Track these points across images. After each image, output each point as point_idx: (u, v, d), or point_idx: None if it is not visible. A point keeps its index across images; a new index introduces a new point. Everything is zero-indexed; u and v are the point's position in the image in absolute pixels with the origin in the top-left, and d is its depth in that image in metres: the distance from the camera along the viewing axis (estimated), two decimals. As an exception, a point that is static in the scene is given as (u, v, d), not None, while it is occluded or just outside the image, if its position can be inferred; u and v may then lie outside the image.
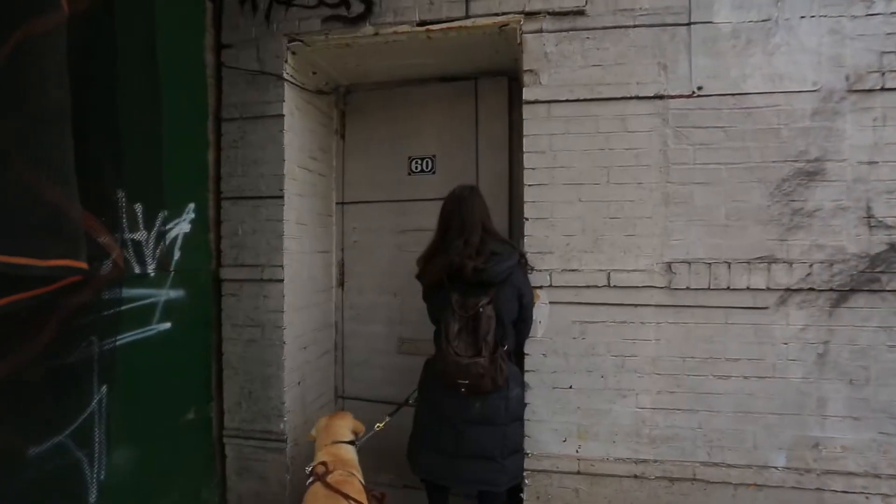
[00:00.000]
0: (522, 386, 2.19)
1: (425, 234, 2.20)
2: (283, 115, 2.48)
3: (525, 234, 2.30)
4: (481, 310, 1.95)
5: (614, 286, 2.22)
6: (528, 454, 2.29)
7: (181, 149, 2.35)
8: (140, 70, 1.96)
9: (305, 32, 2.46)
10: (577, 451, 2.27)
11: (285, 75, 2.48)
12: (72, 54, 1.55)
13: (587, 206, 2.25)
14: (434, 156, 2.91)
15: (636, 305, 2.21)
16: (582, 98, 2.24)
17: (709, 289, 2.16)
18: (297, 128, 2.61)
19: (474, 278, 1.96)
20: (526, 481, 2.29)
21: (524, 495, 2.29)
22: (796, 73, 2.14)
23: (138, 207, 2.08)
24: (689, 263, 2.17)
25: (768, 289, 2.13)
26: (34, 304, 1.41)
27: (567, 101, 2.25)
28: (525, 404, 2.25)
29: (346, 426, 2.10)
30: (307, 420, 2.72)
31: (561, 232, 2.27)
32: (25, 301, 1.38)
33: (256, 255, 2.52)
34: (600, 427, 2.25)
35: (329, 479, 1.83)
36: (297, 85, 2.59)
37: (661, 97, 2.19)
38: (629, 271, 2.21)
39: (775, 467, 2.14)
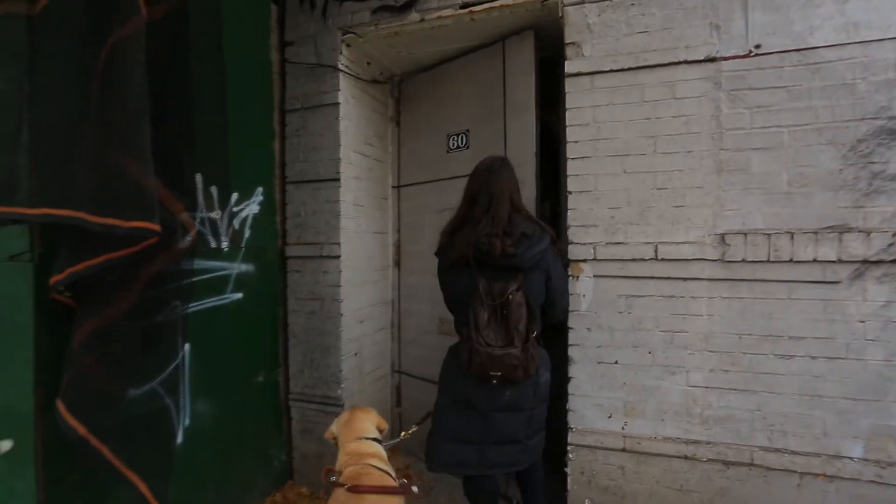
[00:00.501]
0: (550, 369, 2.02)
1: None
2: (338, 104, 2.67)
3: (568, 207, 2.29)
4: (510, 297, 1.82)
5: (662, 259, 2.14)
6: (571, 429, 2.28)
7: (251, 139, 2.63)
8: (210, 71, 2.21)
9: (357, 24, 2.63)
10: (622, 428, 2.22)
11: (340, 66, 2.66)
12: (152, 56, 1.82)
13: (632, 178, 2.19)
14: (467, 130, 2.89)
15: (686, 279, 2.12)
16: (626, 67, 2.18)
17: (768, 261, 2.01)
18: (353, 115, 2.79)
19: (503, 262, 1.84)
20: (570, 456, 2.28)
21: (568, 470, 2.29)
22: (877, 20, 1.92)
23: (213, 190, 2.36)
24: (745, 235, 2.04)
25: (840, 261, 1.94)
26: (123, 262, 1.68)
27: (611, 71, 2.20)
28: (571, 379, 2.25)
29: (369, 421, 1.95)
30: (363, 389, 2.91)
31: (605, 204, 2.23)
32: (117, 259, 1.65)
33: (316, 234, 2.73)
34: (647, 404, 2.18)
35: (342, 479, 1.69)
36: (351, 75, 2.77)
37: (712, 60, 2.07)
38: (678, 244, 2.12)
39: (850, 458, 1.95)
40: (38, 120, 1.69)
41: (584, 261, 2.25)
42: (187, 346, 2.23)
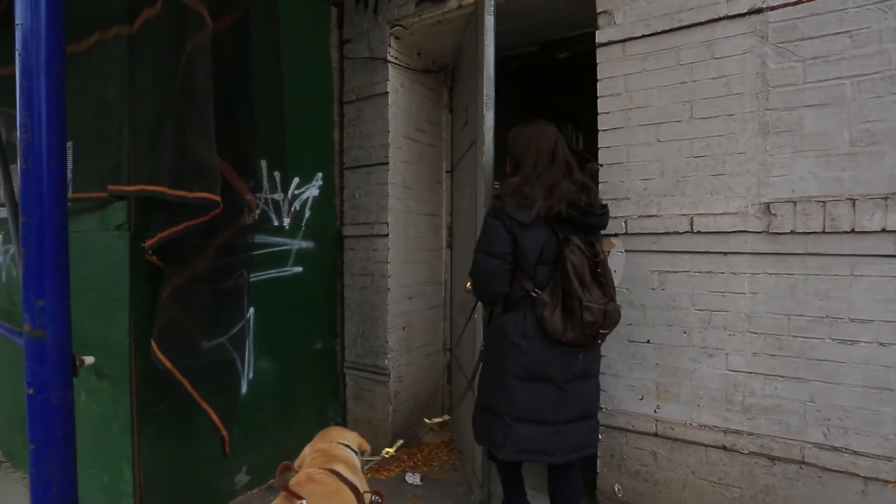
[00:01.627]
0: None
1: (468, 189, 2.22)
2: (387, 93, 2.87)
3: (599, 180, 2.22)
4: (602, 254, 1.79)
5: (698, 232, 1.99)
6: (601, 409, 2.21)
7: (313, 129, 2.94)
8: (270, 73, 2.52)
9: (403, 17, 2.80)
10: (654, 412, 2.10)
11: (389, 58, 2.86)
12: (221, 60, 2.16)
13: (666, 147, 2.06)
14: (467, 105, 2.78)
15: (725, 253, 1.95)
16: (660, 30, 2.06)
17: (823, 232, 1.77)
18: (402, 103, 2.97)
19: (593, 220, 1.79)
20: (599, 437, 2.21)
21: (597, 451, 2.22)
22: (974, -57, 1.60)
23: (277, 174, 2.69)
24: (795, 203, 1.82)
25: (917, 231, 1.65)
26: (199, 228, 2.03)
27: (643, 36, 2.10)
28: (601, 357, 2.19)
29: (348, 433, 1.79)
30: (411, 362, 3.08)
31: (637, 176, 2.13)
32: (194, 226, 2.01)
33: (368, 214, 2.96)
34: (682, 387, 2.04)
35: (292, 480, 1.43)
36: (401, 65, 2.95)
37: (758, 11, 1.88)
38: (716, 215, 1.96)
39: (932, 465, 1.65)
40: (134, 117, 2.11)
41: (615, 235, 2.18)
42: (252, 310, 2.58)
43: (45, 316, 1.46)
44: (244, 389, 2.55)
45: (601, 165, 2.22)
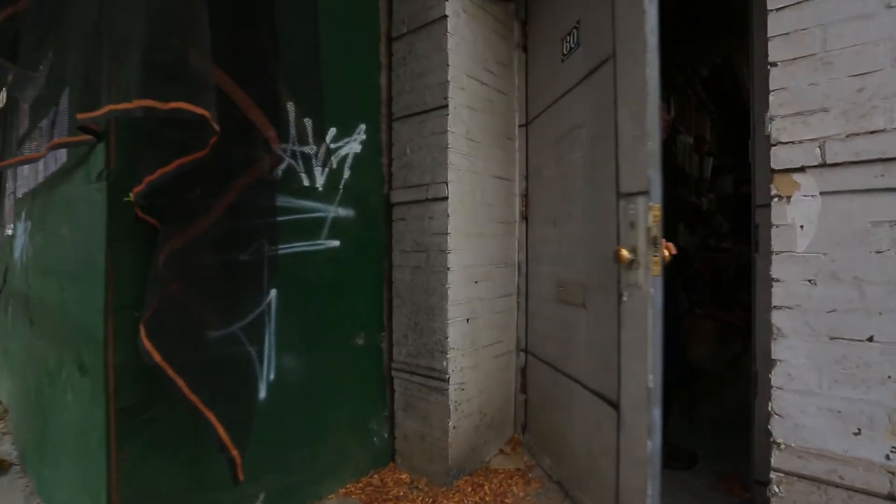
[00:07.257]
0: None
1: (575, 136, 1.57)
2: (445, 17, 2.23)
3: (771, 88, 1.44)
4: None
5: (975, 150, 1.16)
6: (777, 445, 1.41)
7: (352, 71, 2.35)
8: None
9: (465, -85, 2.16)
10: (886, 458, 1.27)
11: (447, -28, 2.22)
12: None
13: (903, 15, 1.25)
14: (578, 21, 2.07)
15: None
16: None
17: None
18: (465, 32, 2.32)
19: None
20: (774, 489, 1.41)
21: (773, 511, 1.42)
22: None
23: (308, 122, 2.13)
24: None
25: None
26: (194, 166, 1.51)
27: None
28: (777, 363, 1.39)
29: None
30: (478, 364, 2.39)
31: (845, 72, 1.33)
32: (189, 163, 1.50)
33: (422, 174, 2.33)
34: (942, 418, 1.21)
35: None
36: (462, -16, 2.31)
37: None
38: None
39: None
40: (116, 30, 1.60)
41: (801, 170, 1.38)
42: (273, 292, 2.02)
43: None
44: (262, 394, 1.99)
45: (774, 64, 1.43)
